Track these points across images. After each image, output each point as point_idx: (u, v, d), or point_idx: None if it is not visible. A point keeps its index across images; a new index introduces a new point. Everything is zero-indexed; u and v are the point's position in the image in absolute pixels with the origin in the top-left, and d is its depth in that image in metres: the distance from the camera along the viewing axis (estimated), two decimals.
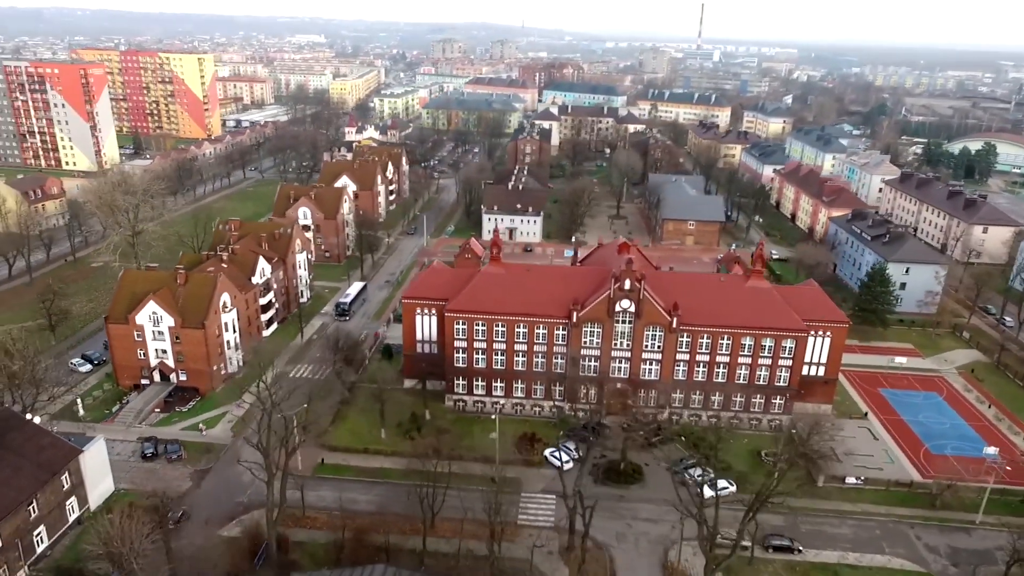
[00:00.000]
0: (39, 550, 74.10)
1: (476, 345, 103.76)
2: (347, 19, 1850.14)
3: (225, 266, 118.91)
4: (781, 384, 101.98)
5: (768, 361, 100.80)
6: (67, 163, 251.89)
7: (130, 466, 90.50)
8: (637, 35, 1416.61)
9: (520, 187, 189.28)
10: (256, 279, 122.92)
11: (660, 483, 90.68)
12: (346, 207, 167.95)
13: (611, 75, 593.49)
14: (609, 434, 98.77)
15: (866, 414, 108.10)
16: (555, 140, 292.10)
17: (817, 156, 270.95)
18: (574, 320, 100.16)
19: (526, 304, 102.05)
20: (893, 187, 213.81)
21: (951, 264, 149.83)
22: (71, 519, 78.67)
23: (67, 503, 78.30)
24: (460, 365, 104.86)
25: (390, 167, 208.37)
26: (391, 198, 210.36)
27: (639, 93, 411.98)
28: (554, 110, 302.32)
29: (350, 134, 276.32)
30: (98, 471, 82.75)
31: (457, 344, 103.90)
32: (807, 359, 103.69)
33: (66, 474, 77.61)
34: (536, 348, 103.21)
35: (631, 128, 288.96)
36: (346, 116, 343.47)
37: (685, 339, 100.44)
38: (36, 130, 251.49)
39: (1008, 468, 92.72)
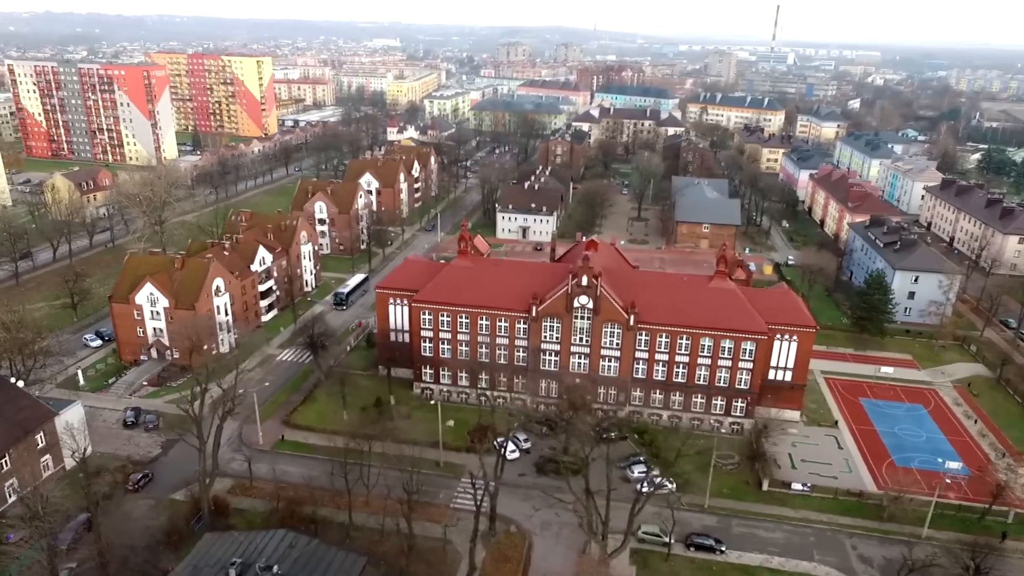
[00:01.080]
0: (10, 500, 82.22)
1: (441, 335, 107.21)
2: (424, 23, 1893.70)
3: (227, 253, 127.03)
4: (742, 387, 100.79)
5: (728, 363, 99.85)
6: (131, 158, 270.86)
7: (112, 432, 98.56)
8: (712, 38, 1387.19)
9: (536, 187, 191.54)
10: (255, 267, 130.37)
11: (602, 477, 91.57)
12: (361, 203, 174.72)
13: (672, 78, 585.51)
14: (564, 428, 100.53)
15: (836, 422, 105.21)
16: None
17: (864, 162, 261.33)
18: (534, 314, 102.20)
19: (490, 297, 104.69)
20: (933, 194, 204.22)
21: (965, 274, 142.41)
22: (44, 475, 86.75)
23: (42, 460, 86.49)
24: (427, 355, 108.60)
25: (416, 166, 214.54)
26: (416, 196, 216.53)
27: (693, 96, 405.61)
28: (595, 112, 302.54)
29: (392, 134, 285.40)
30: (75, 433, 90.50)
31: (423, 334, 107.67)
32: (774, 363, 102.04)
33: (41, 434, 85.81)
34: (499, 340, 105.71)
35: (670, 131, 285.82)
36: (398, 117, 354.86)
37: (644, 337, 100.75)
38: (104, 127, 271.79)
39: (948, 481, 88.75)
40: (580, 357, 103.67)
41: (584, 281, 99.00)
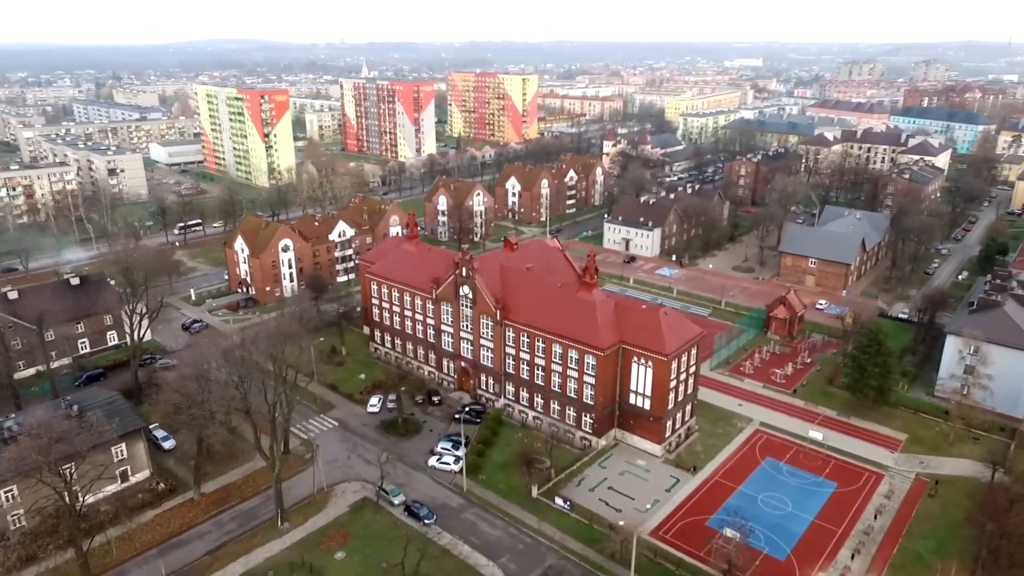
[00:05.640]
0: (80, 352, 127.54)
1: (384, 304, 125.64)
2: (805, 42, 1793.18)
3: (316, 224, 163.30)
4: (588, 402, 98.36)
5: (576, 374, 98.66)
6: (401, 156, 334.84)
7: (174, 330, 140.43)
8: None
9: (651, 201, 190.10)
10: (333, 237, 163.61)
11: (425, 443, 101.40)
12: (476, 200, 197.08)
13: None
14: (437, 401, 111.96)
15: (694, 468, 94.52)
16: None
17: None
18: (433, 297, 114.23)
19: (415, 277, 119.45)
20: None
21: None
22: (109, 344, 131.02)
23: (108, 333, 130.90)
24: (376, 319, 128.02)
25: (571, 173, 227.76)
26: (569, 202, 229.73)
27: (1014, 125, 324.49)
28: (830, 135, 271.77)
29: (607, 146, 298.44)
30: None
31: (373, 301, 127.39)
32: (633, 387, 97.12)
33: (108, 315, 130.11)
34: (417, 316, 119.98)
35: (914, 159, 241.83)
36: (650, 130, 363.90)
37: (511, 334, 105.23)
38: (388, 130, 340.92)
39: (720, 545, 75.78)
40: (467, 343, 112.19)
41: (464, 272, 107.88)
